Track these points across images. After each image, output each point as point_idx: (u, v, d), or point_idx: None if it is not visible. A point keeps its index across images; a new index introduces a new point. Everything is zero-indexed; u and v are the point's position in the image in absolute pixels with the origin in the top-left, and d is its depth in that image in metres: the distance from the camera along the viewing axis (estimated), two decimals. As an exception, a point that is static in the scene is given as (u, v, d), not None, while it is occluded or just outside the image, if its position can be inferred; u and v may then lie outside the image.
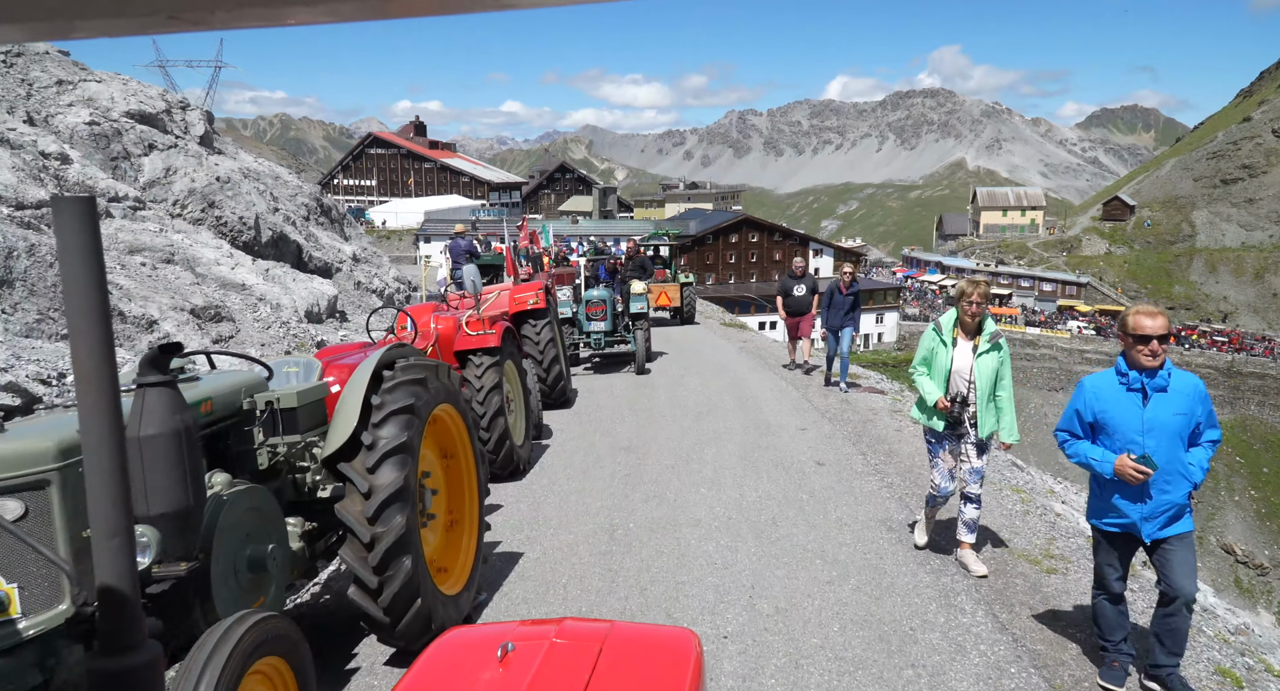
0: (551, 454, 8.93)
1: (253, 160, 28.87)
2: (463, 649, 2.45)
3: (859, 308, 12.31)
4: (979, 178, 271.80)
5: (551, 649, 2.33)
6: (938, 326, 5.53)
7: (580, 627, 2.51)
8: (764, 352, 16.74)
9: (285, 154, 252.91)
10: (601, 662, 2.26)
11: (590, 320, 14.34)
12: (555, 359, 11.12)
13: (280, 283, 18.11)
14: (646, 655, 2.38)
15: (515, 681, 2.16)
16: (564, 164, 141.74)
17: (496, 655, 2.27)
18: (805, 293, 13.09)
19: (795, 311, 13.27)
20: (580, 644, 2.36)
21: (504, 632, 2.48)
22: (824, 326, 12.19)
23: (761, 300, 77.44)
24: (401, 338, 7.96)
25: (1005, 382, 5.43)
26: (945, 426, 5.50)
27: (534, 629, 2.54)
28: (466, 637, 2.56)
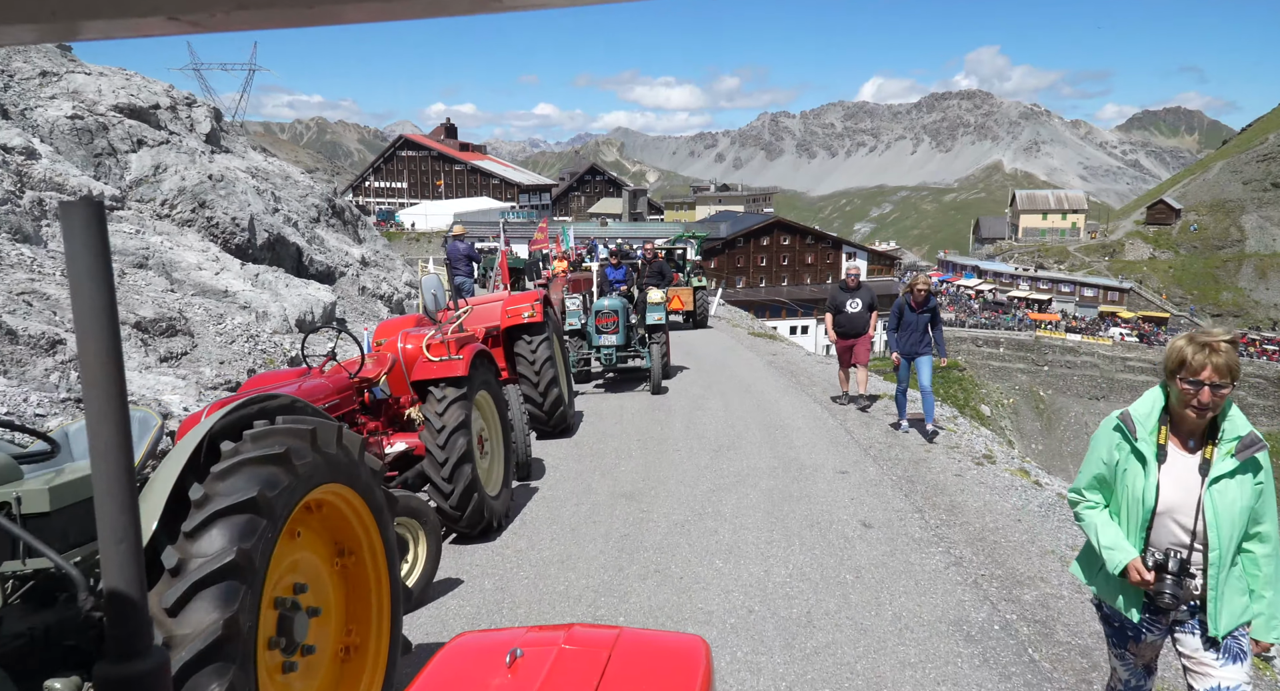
0: (538, 501, 7.40)
1: (262, 159, 27.75)
2: (472, 654, 2.43)
3: (939, 326, 9.82)
4: (1016, 181, 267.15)
5: (560, 655, 2.30)
6: (1127, 425, 3.11)
7: (589, 633, 2.49)
8: (796, 369, 15.09)
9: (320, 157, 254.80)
10: (610, 669, 2.24)
11: (600, 333, 12.80)
12: (553, 381, 9.59)
13: (270, 288, 16.80)
14: (655, 662, 2.36)
15: (524, 687, 2.13)
16: (594, 166, 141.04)
17: (505, 661, 2.24)
18: (861, 309, 10.89)
19: (849, 332, 10.96)
20: (589, 650, 2.34)
21: (513, 638, 2.46)
22: (894, 352, 9.85)
23: (793, 304, 75.75)
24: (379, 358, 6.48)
25: (1267, 530, 3.01)
26: (1143, 611, 3.13)
27: (542, 634, 2.52)
28: (475, 643, 2.54)
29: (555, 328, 10.46)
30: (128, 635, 0.86)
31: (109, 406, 0.83)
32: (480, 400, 6.89)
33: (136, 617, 0.86)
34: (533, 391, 9.56)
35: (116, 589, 0.86)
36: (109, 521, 0.85)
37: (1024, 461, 9.84)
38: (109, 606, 0.86)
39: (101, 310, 0.81)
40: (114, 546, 0.85)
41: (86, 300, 0.80)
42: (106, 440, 0.84)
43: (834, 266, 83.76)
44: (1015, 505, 6.99)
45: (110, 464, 0.84)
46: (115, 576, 0.86)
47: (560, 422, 9.88)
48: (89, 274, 0.79)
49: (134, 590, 0.86)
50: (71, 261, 0.79)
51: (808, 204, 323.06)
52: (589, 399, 12.56)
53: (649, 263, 14.62)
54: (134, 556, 0.86)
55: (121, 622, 0.86)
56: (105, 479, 0.85)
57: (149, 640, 0.88)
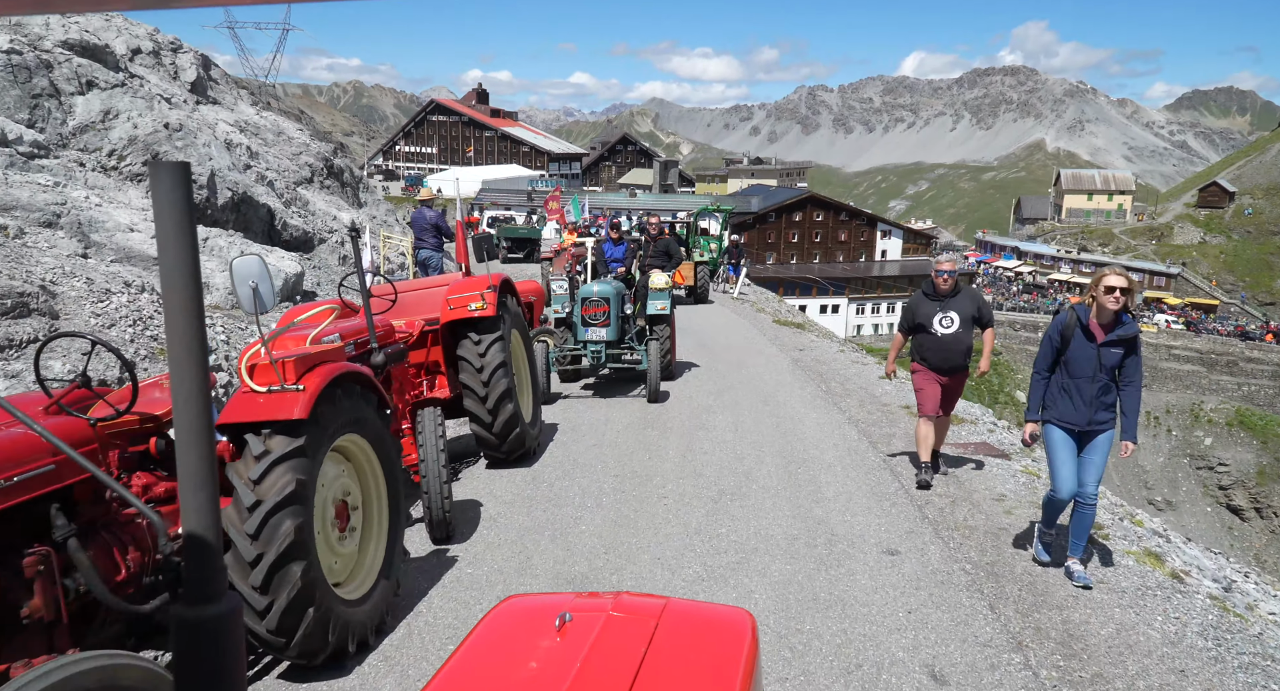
0: (440, 593, 5.09)
1: (254, 113, 25.57)
2: (521, 616, 2.43)
3: (1139, 369, 5.42)
4: (1058, 160, 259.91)
5: (609, 621, 2.29)
6: None
7: (637, 602, 2.47)
8: (826, 371, 12.63)
9: (356, 121, 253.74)
10: (657, 637, 2.23)
11: (587, 325, 10.43)
12: (506, 395, 7.26)
13: (220, 256, 14.58)
14: (702, 632, 2.35)
15: (573, 651, 2.13)
16: (626, 136, 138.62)
17: (555, 624, 2.22)
18: (959, 328, 7.00)
19: (943, 363, 7.10)
20: (637, 618, 2.33)
21: (561, 603, 2.43)
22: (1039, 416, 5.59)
23: (824, 282, 72.96)
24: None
25: None
26: None
27: (591, 600, 2.50)
28: (524, 605, 2.52)
29: (518, 323, 8.12)
30: (204, 579, 0.89)
31: (190, 360, 0.86)
32: (350, 450, 4.58)
33: (212, 562, 0.89)
34: (479, 407, 7.25)
35: (194, 534, 0.89)
36: (189, 469, 0.88)
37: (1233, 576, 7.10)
38: (186, 551, 0.89)
39: (186, 267, 0.84)
40: (193, 494, 0.88)
41: (172, 257, 0.83)
42: (187, 392, 0.87)
43: (868, 244, 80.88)
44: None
45: (191, 414, 0.87)
46: (193, 522, 0.88)
47: (516, 448, 7.57)
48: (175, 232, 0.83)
49: (210, 536, 0.89)
50: (159, 220, 0.84)
51: (842, 180, 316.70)
52: (571, 406, 10.23)
53: (654, 239, 12.15)
54: (211, 503, 0.89)
55: (199, 567, 0.89)
56: (186, 429, 0.88)
57: (223, 585, 0.91)
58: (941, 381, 7.15)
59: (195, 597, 0.89)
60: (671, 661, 2.16)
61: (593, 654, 2.12)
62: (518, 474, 7.45)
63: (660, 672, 2.10)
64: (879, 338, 76.19)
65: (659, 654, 2.16)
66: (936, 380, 7.12)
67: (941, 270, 7.20)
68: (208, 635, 0.88)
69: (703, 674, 2.16)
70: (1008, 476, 7.45)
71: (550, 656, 2.14)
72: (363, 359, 5.98)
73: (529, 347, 8.42)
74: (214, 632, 0.88)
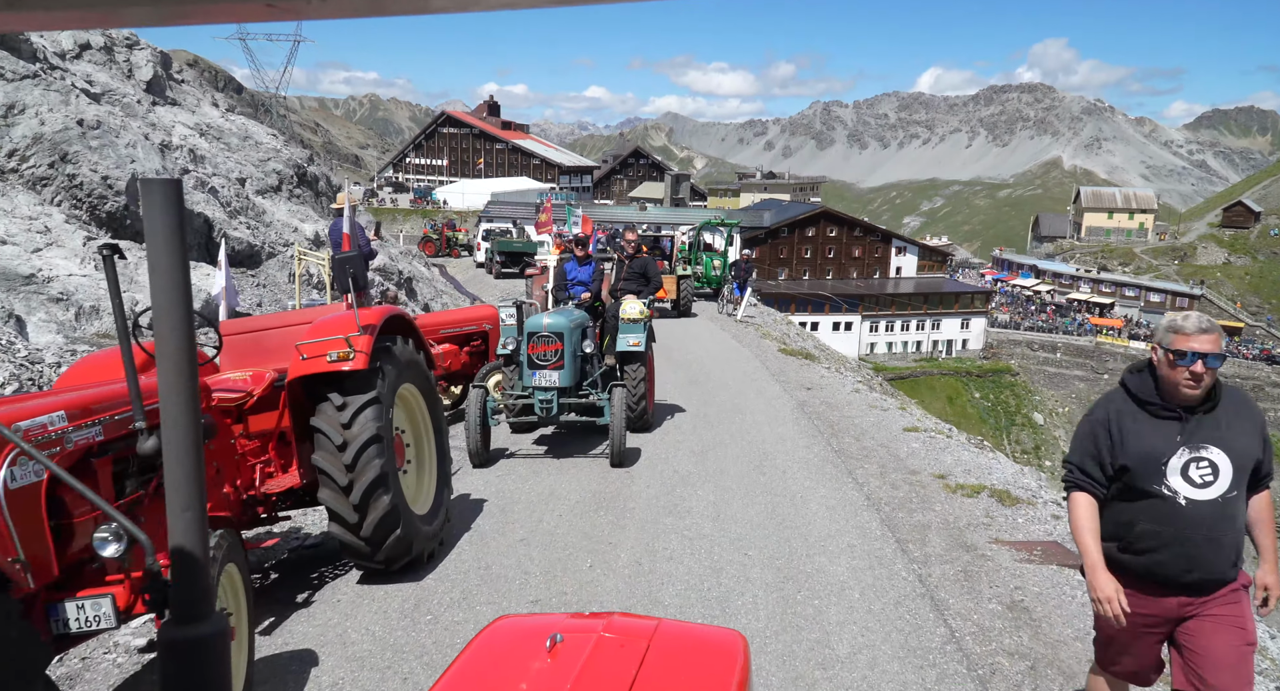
0: None
1: (218, 115, 23.53)
2: (512, 637, 2.42)
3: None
4: (1075, 177, 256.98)
5: (600, 642, 2.27)
6: None
7: (628, 623, 2.45)
8: (840, 423, 10.36)
9: (372, 134, 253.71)
10: (649, 659, 2.21)
11: (535, 366, 8.23)
12: (378, 484, 5.05)
13: (122, 272, 12.44)
14: (693, 654, 2.34)
15: (564, 672, 2.12)
16: (638, 149, 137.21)
17: (545, 645, 2.21)
18: (1228, 486, 3.09)
19: (1182, 567, 3.13)
20: (628, 639, 2.31)
21: (552, 623, 2.42)
22: None
23: (837, 299, 70.58)
24: None
25: None
26: None
27: (582, 622, 2.50)
28: (516, 626, 2.53)
29: (415, 375, 5.91)
30: (192, 599, 0.89)
31: (179, 379, 0.85)
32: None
33: (200, 582, 0.89)
34: (338, 500, 5.05)
35: (182, 555, 0.87)
36: (177, 489, 0.86)
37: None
38: (175, 571, 0.87)
39: (177, 286, 0.83)
40: (180, 514, 0.87)
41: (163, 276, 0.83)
42: (176, 412, 0.86)
43: (882, 260, 78.68)
44: None
45: (179, 434, 0.86)
46: (181, 542, 0.87)
47: (399, 556, 5.34)
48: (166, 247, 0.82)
49: (199, 556, 0.88)
50: (150, 237, 0.83)
51: (856, 195, 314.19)
52: (513, 470, 8.02)
53: (630, 258, 9.91)
54: (199, 524, 0.88)
55: (187, 587, 0.88)
56: (174, 448, 0.87)
57: (211, 605, 0.90)
58: (1163, 613, 3.21)
59: (183, 617, 0.88)
60: (663, 683, 2.15)
61: (584, 675, 2.11)
62: (393, 596, 5.23)
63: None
64: (892, 355, 73.79)
65: (650, 675, 2.14)
66: (1152, 609, 3.21)
67: (1194, 352, 3.05)
68: (195, 655, 0.87)
69: None
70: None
71: (541, 677, 2.13)
72: (119, 444, 3.85)
73: (434, 408, 6.21)
74: (201, 652, 0.87)
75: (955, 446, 9.39)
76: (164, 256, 0.83)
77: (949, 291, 76.52)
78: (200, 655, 0.88)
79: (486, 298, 26.36)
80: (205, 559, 0.90)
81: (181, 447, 0.86)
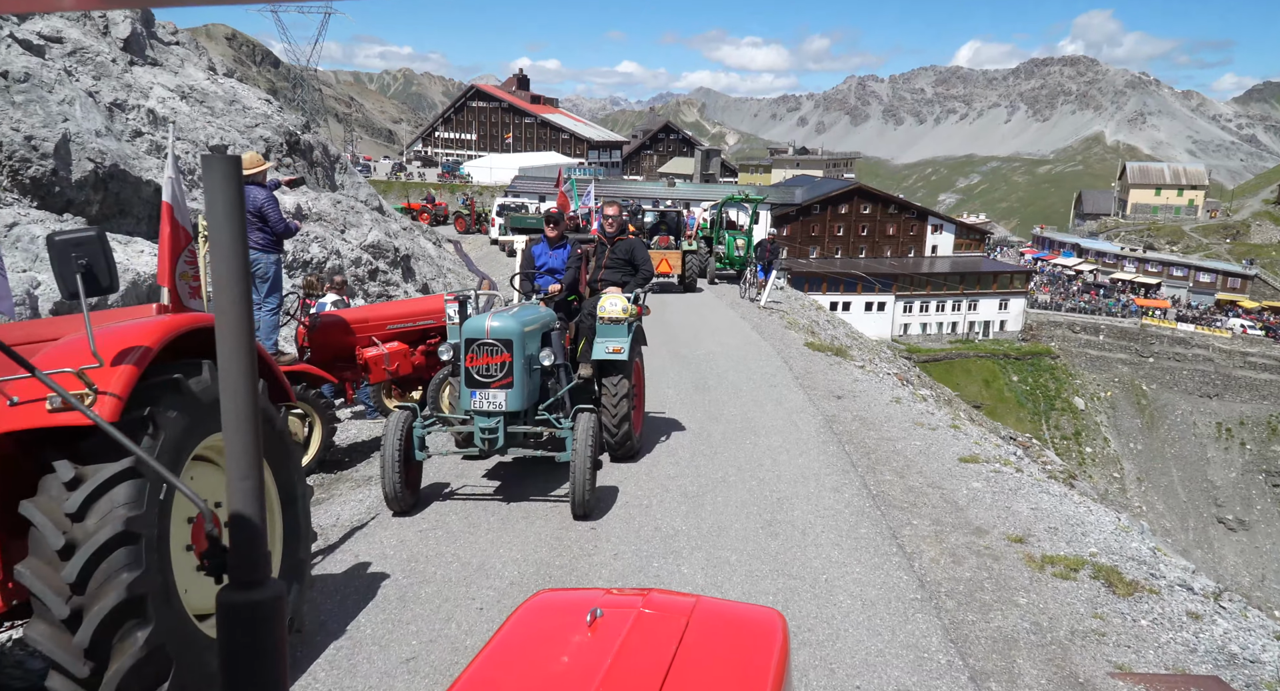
0: None
1: (204, 78, 21.58)
2: (552, 611, 2.42)
3: None
4: (1117, 153, 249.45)
5: (640, 618, 2.27)
6: None
7: (667, 599, 2.46)
8: (878, 445, 8.20)
9: (405, 108, 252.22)
10: (688, 635, 2.21)
11: (475, 384, 6.19)
12: (124, 615, 3.06)
13: (24, 249, 10.83)
14: (732, 631, 2.34)
15: (604, 647, 2.12)
16: (668, 124, 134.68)
17: (585, 620, 2.20)
18: None
19: None
20: (667, 615, 2.31)
21: (591, 598, 2.41)
22: None
23: (870, 278, 67.89)
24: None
25: None
26: None
27: (621, 597, 2.50)
28: (554, 601, 2.52)
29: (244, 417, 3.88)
30: (249, 564, 0.92)
31: (239, 353, 0.87)
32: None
33: (257, 548, 0.92)
34: (56, 641, 3.06)
35: (240, 521, 0.91)
36: (236, 458, 0.89)
37: None
38: (233, 537, 0.92)
39: (236, 258, 0.85)
40: (239, 482, 0.90)
41: (223, 248, 0.84)
42: (234, 382, 0.88)
43: (918, 239, 75.89)
44: None
45: (238, 404, 0.88)
46: (240, 509, 0.90)
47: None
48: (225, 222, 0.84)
49: (256, 522, 0.91)
50: (211, 211, 0.85)
51: (891, 171, 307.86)
52: (444, 518, 6.02)
53: (611, 241, 7.75)
54: (256, 491, 0.92)
55: (244, 552, 0.92)
56: (233, 418, 0.89)
57: (268, 570, 0.94)
58: None
59: (241, 582, 0.91)
60: (702, 660, 2.13)
61: (624, 650, 2.10)
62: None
63: (691, 670, 2.08)
64: (926, 337, 71.07)
65: (690, 652, 2.13)
66: None
67: None
68: (253, 619, 0.90)
69: (734, 673, 2.13)
70: None
71: (581, 652, 2.12)
72: None
73: (283, 464, 4.18)
74: (259, 616, 0.90)
75: (1028, 484, 7.23)
76: (224, 232, 0.84)
77: (986, 271, 73.58)
78: (258, 618, 0.90)
79: (498, 277, 24.40)
80: (263, 526, 0.91)
81: (240, 419, 0.88)
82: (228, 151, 19.16)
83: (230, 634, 0.91)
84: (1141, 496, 61.65)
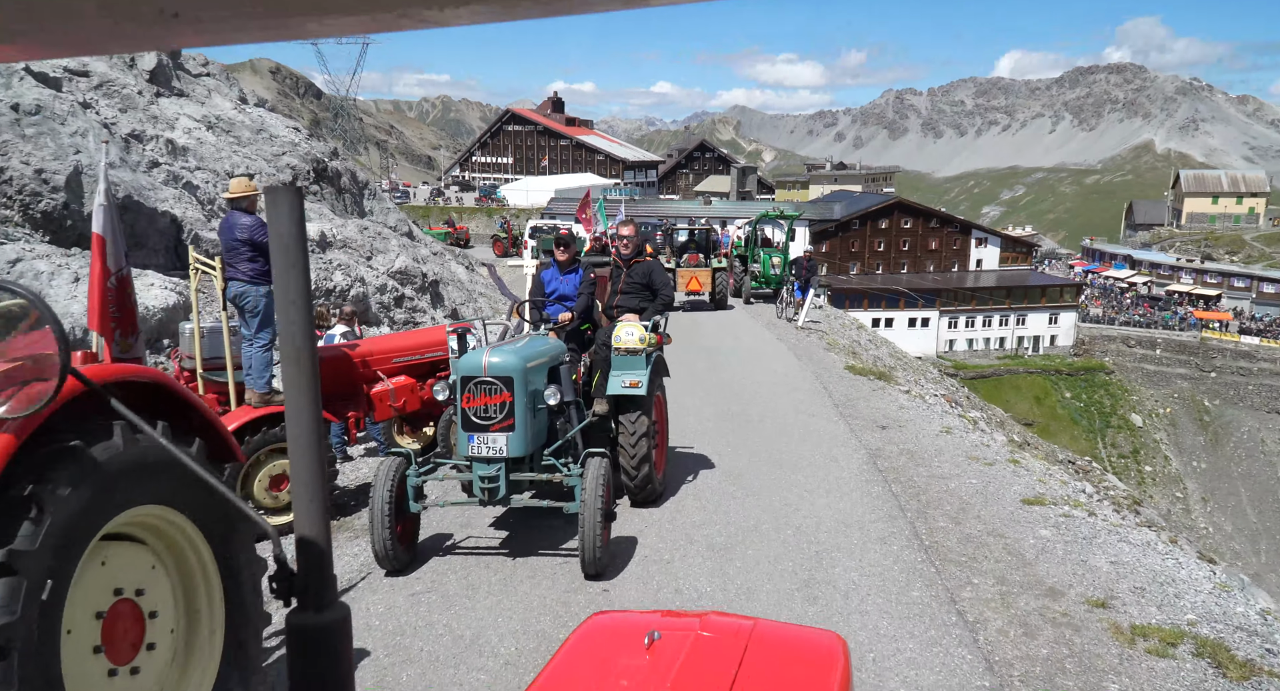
0: None
1: (231, 108, 21.50)
2: (609, 634, 2.39)
3: None
4: (1169, 161, 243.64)
5: (698, 641, 2.22)
6: None
7: (725, 622, 2.38)
8: (929, 485, 7.38)
9: (444, 134, 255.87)
10: (748, 658, 2.16)
11: (472, 427, 5.54)
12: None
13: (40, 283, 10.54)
14: (793, 654, 2.29)
15: (663, 670, 2.07)
16: (703, 143, 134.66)
17: (643, 642, 2.17)
18: None
19: None
20: (726, 638, 2.26)
21: (648, 621, 2.37)
22: None
23: (913, 293, 66.45)
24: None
25: None
26: None
27: (678, 620, 2.44)
28: (612, 623, 2.48)
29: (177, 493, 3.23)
30: (317, 587, 0.92)
31: (303, 378, 0.88)
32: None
33: (324, 571, 0.93)
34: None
35: (307, 544, 0.91)
36: (302, 480, 0.90)
37: None
38: (300, 560, 0.92)
39: (300, 288, 0.87)
40: (306, 504, 0.91)
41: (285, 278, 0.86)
42: (300, 410, 0.89)
43: (961, 253, 74.30)
44: None
45: (303, 427, 0.89)
46: (307, 532, 0.91)
47: None
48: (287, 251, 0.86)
49: (323, 545, 0.92)
50: (274, 241, 0.87)
51: (932, 185, 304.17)
52: (442, 576, 5.34)
53: (627, 263, 7.04)
54: (323, 514, 0.92)
55: (312, 574, 0.92)
56: (299, 441, 0.89)
57: (334, 593, 0.94)
58: None
59: (309, 604, 0.91)
60: (763, 684, 2.08)
61: (683, 674, 2.06)
62: None
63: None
64: (973, 353, 69.31)
65: (750, 675, 2.09)
66: None
67: None
68: (320, 641, 0.91)
69: None
70: None
71: (640, 674, 2.08)
72: None
73: (232, 543, 3.53)
74: (326, 638, 0.91)
75: (1104, 530, 6.36)
76: (286, 260, 0.86)
77: (1035, 284, 71.68)
78: (325, 640, 0.91)
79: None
80: (328, 549, 0.92)
81: (306, 444, 0.89)
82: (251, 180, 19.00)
83: (299, 656, 0.92)
84: (1207, 517, 59.01)
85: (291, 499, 0.92)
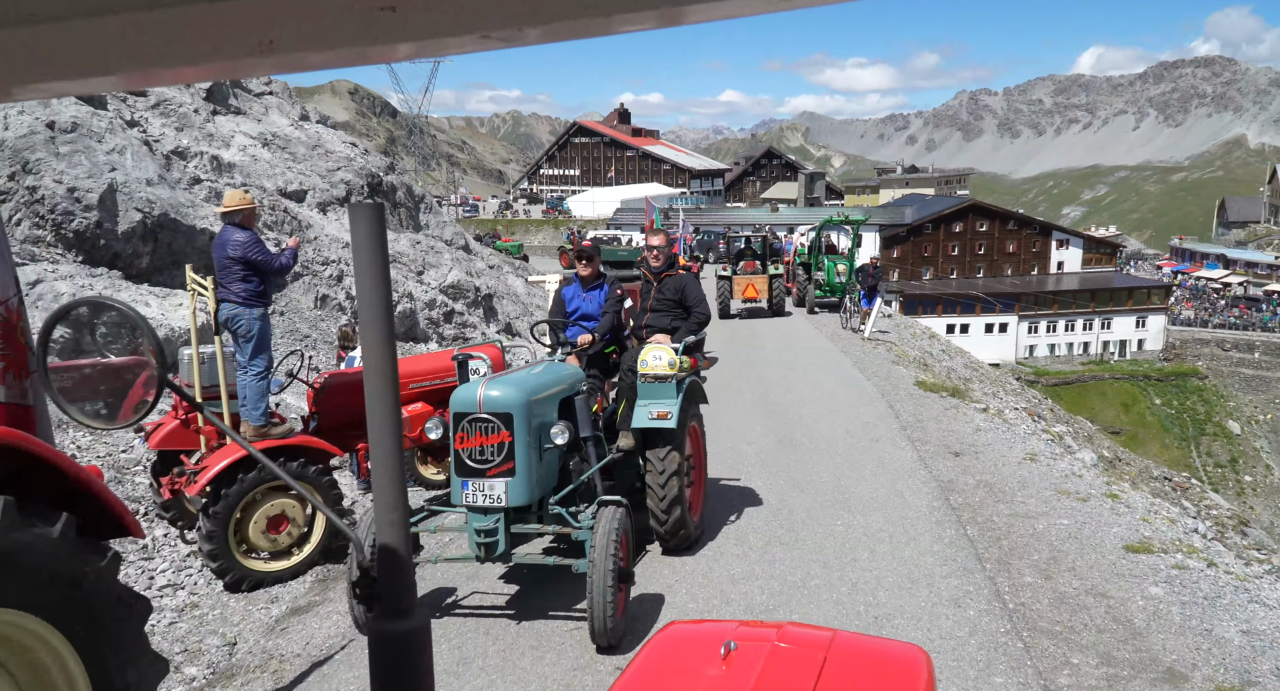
0: None
1: (288, 124, 21.44)
2: (685, 644, 2.35)
3: None
4: (1263, 156, 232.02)
5: (775, 652, 2.16)
6: None
7: (803, 633, 2.33)
8: (1013, 527, 6.32)
9: (514, 149, 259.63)
10: (827, 670, 2.09)
11: (467, 473, 4.78)
12: None
13: (44, 310, 10.13)
14: (873, 668, 2.21)
15: (740, 681, 2.03)
16: (771, 149, 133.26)
17: (720, 652, 2.11)
18: None
19: None
20: (804, 649, 2.19)
21: (724, 631, 2.30)
22: None
23: (989, 298, 63.98)
24: None
25: None
26: None
27: (755, 630, 2.38)
28: (688, 633, 2.44)
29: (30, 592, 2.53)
30: (397, 594, 0.94)
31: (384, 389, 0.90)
32: None
33: (405, 579, 0.94)
34: None
35: (389, 553, 0.93)
36: (384, 490, 0.92)
37: None
38: (381, 568, 0.93)
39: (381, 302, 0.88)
40: (387, 513, 0.92)
41: (369, 291, 0.88)
42: (381, 421, 0.90)
43: (1041, 255, 71.53)
44: None
45: (384, 437, 0.90)
46: (388, 541, 0.92)
47: None
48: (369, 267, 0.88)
49: (404, 554, 0.93)
50: (357, 256, 0.89)
51: (1008, 187, 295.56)
52: (434, 642, 4.59)
53: (657, 277, 6.22)
54: (404, 523, 0.93)
55: (393, 582, 0.93)
56: (381, 452, 0.91)
57: (414, 601, 0.96)
58: None
59: (390, 612, 0.93)
60: None
61: (760, 684, 2.02)
62: None
63: None
64: (1055, 359, 66.40)
65: (829, 688, 2.04)
66: None
67: None
68: (402, 648, 0.92)
69: None
70: None
71: (717, 685, 2.05)
72: None
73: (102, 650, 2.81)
74: (408, 645, 0.92)
75: (1229, 587, 5.26)
76: (369, 275, 0.87)
77: (1120, 287, 68.40)
78: (407, 647, 0.92)
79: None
80: (409, 557, 0.93)
81: (387, 454, 0.90)
82: (306, 196, 18.78)
83: (381, 662, 0.93)
84: (1317, 533, 55.15)
85: (374, 507, 0.92)
